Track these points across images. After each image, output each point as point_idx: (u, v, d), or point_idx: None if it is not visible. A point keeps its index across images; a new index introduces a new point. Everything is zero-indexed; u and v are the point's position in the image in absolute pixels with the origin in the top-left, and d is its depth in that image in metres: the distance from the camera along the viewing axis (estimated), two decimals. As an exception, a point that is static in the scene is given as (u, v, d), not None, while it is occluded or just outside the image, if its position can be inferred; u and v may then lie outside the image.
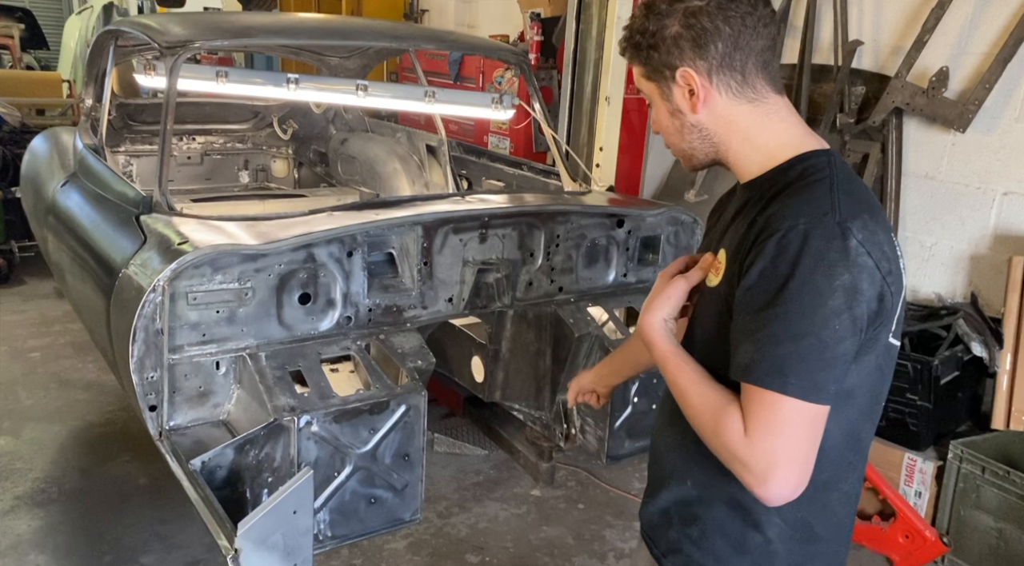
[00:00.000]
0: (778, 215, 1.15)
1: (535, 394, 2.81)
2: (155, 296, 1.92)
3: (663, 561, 1.40)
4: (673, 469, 1.39)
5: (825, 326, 1.10)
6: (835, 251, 1.10)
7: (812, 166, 1.22)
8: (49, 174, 3.42)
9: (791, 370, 1.10)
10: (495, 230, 2.45)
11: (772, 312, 1.11)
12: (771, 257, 1.12)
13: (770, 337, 1.11)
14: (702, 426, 1.20)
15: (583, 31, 4.16)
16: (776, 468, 1.10)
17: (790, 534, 1.28)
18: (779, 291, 1.11)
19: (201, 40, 2.51)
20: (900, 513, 3.24)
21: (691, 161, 1.35)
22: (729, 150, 1.29)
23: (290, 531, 1.65)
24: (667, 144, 1.36)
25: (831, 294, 1.10)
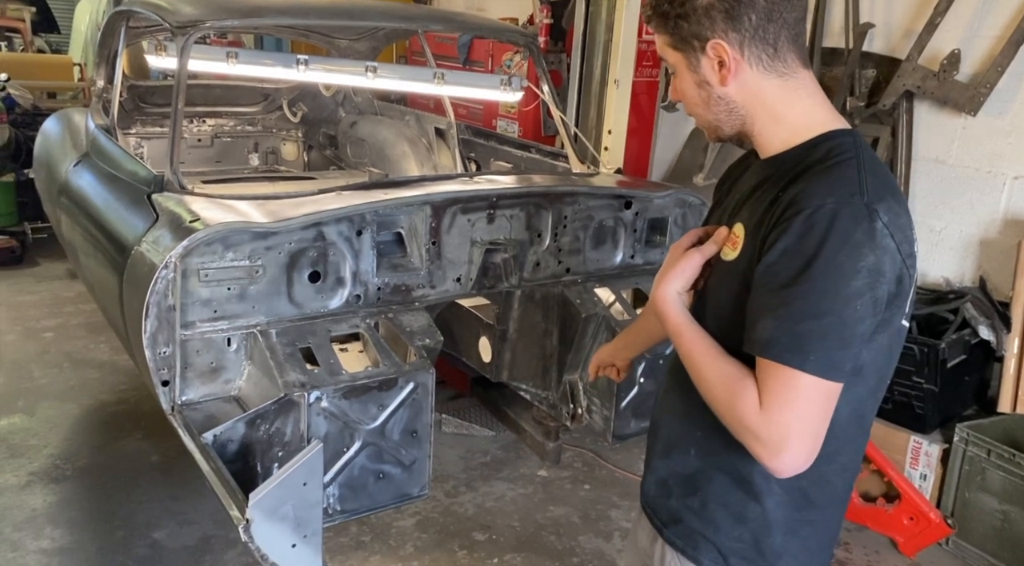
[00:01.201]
0: (805, 193, 1.15)
1: (542, 374, 2.83)
2: (167, 272, 1.95)
3: (664, 531, 1.42)
4: (675, 440, 1.40)
5: (847, 306, 1.11)
6: (862, 232, 1.11)
7: (839, 146, 1.22)
8: (61, 155, 3.45)
9: (811, 348, 1.11)
10: (503, 210, 2.47)
11: (795, 290, 1.12)
12: (797, 235, 1.13)
13: (792, 314, 1.12)
14: (715, 399, 1.21)
15: (593, 13, 4.15)
16: (789, 442, 1.12)
17: (788, 502, 1.30)
18: (804, 269, 1.11)
19: (212, 19, 2.52)
20: (905, 495, 3.25)
21: (716, 133, 1.33)
22: (755, 124, 1.28)
23: (300, 503, 1.69)
24: (690, 113, 1.35)
25: (855, 275, 1.11)
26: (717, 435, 1.26)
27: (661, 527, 1.43)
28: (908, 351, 3.25)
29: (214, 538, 3.10)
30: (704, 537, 1.36)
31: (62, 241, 3.45)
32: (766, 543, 1.33)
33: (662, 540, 1.42)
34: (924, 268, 3.88)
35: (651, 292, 1.34)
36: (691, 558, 1.37)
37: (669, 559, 1.41)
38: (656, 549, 1.44)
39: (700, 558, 1.36)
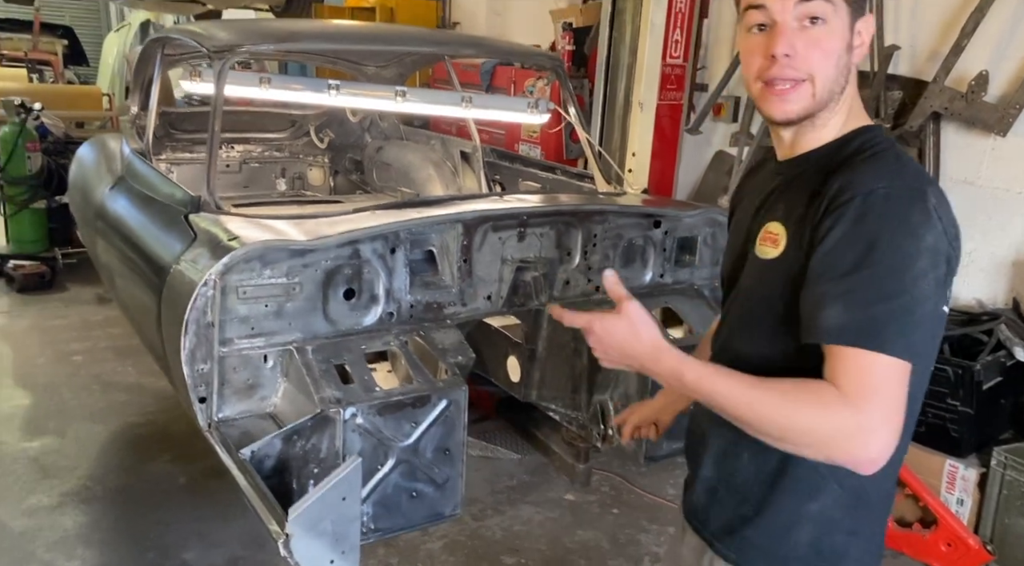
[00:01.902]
0: (853, 181, 1.16)
1: (571, 394, 2.82)
2: (207, 290, 1.98)
3: (715, 544, 1.39)
4: (727, 446, 1.37)
5: (915, 286, 1.12)
6: (917, 213, 1.13)
7: (872, 138, 1.25)
8: (97, 179, 3.52)
9: (887, 330, 1.11)
10: (533, 229, 2.48)
11: (861, 274, 1.12)
12: (852, 221, 1.13)
13: (862, 299, 1.12)
14: (773, 421, 1.16)
15: (616, 38, 4.20)
16: (882, 429, 1.11)
17: (845, 501, 1.28)
18: (867, 253, 1.12)
19: (248, 44, 2.58)
20: (942, 520, 3.19)
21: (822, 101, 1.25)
22: (836, 111, 1.27)
23: (339, 518, 1.69)
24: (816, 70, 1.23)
25: (918, 255, 1.12)
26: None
27: (711, 540, 1.40)
28: (942, 373, 3.20)
29: (242, 559, 3.10)
30: (759, 547, 1.33)
31: (97, 264, 3.51)
32: (826, 545, 1.30)
33: (712, 553, 1.40)
34: (956, 290, 3.81)
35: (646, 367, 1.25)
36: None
37: None
38: (705, 563, 1.42)
39: (738, 562, 1.35)
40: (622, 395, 2.68)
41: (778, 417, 1.15)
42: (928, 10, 3.85)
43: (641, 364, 1.26)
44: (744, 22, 1.28)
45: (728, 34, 4.88)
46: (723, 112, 4.84)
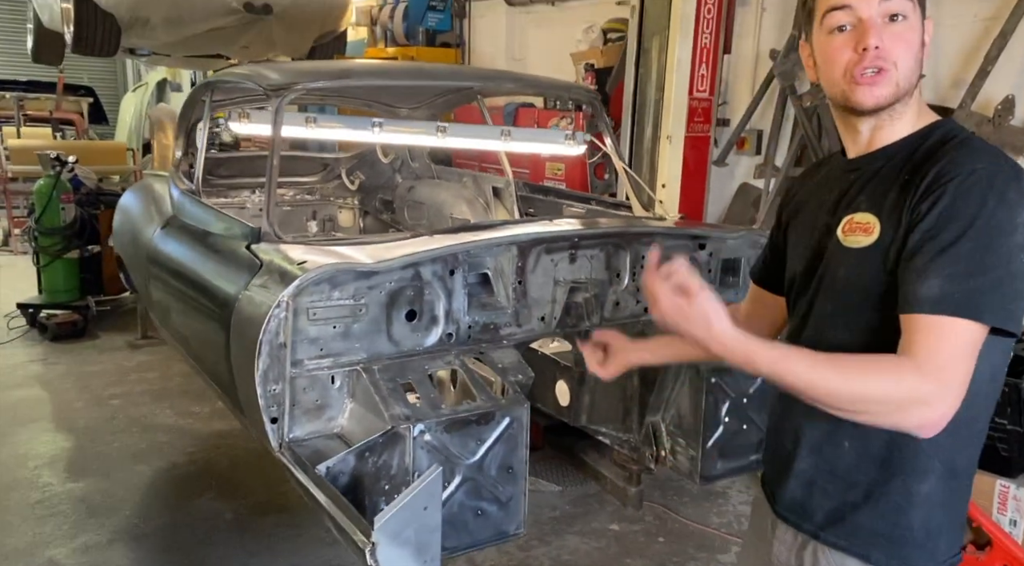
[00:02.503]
0: (951, 164, 1.24)
1: (623, 416, 2.85)
2: (279, 311, 2.03)
3: (821, 534, 1.41)
4: (824, 436, 1.40)
5: (1012, 259, 1.18)
6: (1013, 191, 1.20)
7: (953, 129, 1.33)
8: (145, 222, 3.62)
9: (985, 301, 1.17)
10: (584, 251, 2.54)
11: (961, 247, 1.18)
12: (952, 198, 1.20)
13: (962, 272, 1.18)
14: (848, 393, 1.21)
15: (643, 75, 4.32)
16: (954, 393, 1.18)
17: (944, 475, 1.32)
18: (967, 228, 1.18)
19: (304, 81, 2.69)
20: (996, 541, 3.16)
21: (904, 87, 1.32)
22: (908, 106, 1.34)
23: (421, 527, 1.71)
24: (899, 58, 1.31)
25: (1014, 230, 1.19)
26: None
27: (816, 531, 1.42)
28: (987, 390, 3.20)
29: (295, 592, 3.10)
30: (872, 531, 1.35)
31: (148, 304, 3.58)
32: (933, 523, 1.34)
33: (816, 543, 1.42)
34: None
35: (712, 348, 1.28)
36: (857, 555, 1.37)
37: (825, 562, 1.40)
38: (807, 557, 1.43)
39: (869, 553, 1.36)
40: (674, 416, 2.71)
41: (853, 387, 1.21)
42: (949, 39, 3.96)
43: (706, 348, 1.29)
44: (825, 25, 1.35)
45: (748, 70, 5.01)
46: (747, 145, 4.94)
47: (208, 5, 6.46)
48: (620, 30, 5.54)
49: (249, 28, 6.82)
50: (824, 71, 1.39)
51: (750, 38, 4.94)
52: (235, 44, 7.21)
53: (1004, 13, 3.70)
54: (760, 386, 2.67)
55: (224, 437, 4.45)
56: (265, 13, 6.55)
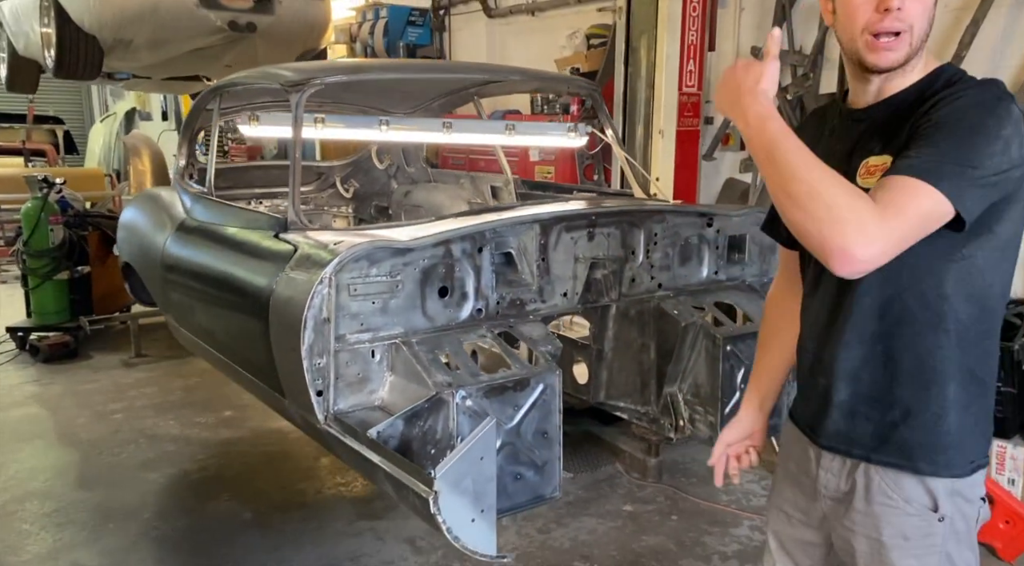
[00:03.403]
0: (952, 90, 1.39)
1: (640, 390, 2.95)
2: (323, 287, 2.11)
3: (872, 456, 1.52)
4: (860, 365, 1.51)
5: (985, 162, 1.31)
6: (1003, 109, 1.34)
7: (955, 72, 1.47)
8: (155, 231, 3.66)
9: (948, 172, 1.30)
10: (601, 229, 2.66)
11: (945, 137, 1.32)
12: (949, 104, 1.35)
13: (939, 153, 1.31)
14: (809, 185, 1.29)
15: (632, 73, 4.47)
16: (883, 242, 1.27)
17: (963, 379, 1.45)
18: (955, 125, 1.33)
19: (322, 77, 2.78)
20: (998, 499, 3.29)
21: (917, 48, 1.45)
22: (918, 55, 1.46)
23: (478, 477, 1.79)
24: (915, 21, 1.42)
25: (996, 139, 1.32)
26: (898, 343, 1.44)
27: (866, 455, 1.53)
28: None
29: (325, 581, 3.14)
30: (918, 443, 1.47)
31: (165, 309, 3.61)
32: (964, 424, 1.46)
33: (866, 465, 1.53)
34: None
35: (734, 103, 1.40)
36: (908, 469, 1.48)
37: (878, 481, 1.51)
38: (859, 480, 1.54)
39: (917, 465, 1.48)
40: (691, 385, 2.82)
41: (818, 185, 1.29)
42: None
43: (741, 100, 1.39)
44: None
45: (729, 69, 5.18)
46: (731, 141, 5.10)
47: (193, 25, 6.51)
48: (602, 35, 5.71)
49: (233, 47, 6.87)
50: (842, 24, 1.50)
51: (730, 38, 5.12)
52: (218, 63, 7.25)
53: (974, 3, 3.91)
54: (772, 353, 2.79)
55: (233, 444, 4.48)
56: (249, 31, 6.63)
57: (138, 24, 6.47)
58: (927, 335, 1.45)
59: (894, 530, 1.51)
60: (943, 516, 1.48)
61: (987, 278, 1.43)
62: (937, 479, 1.48)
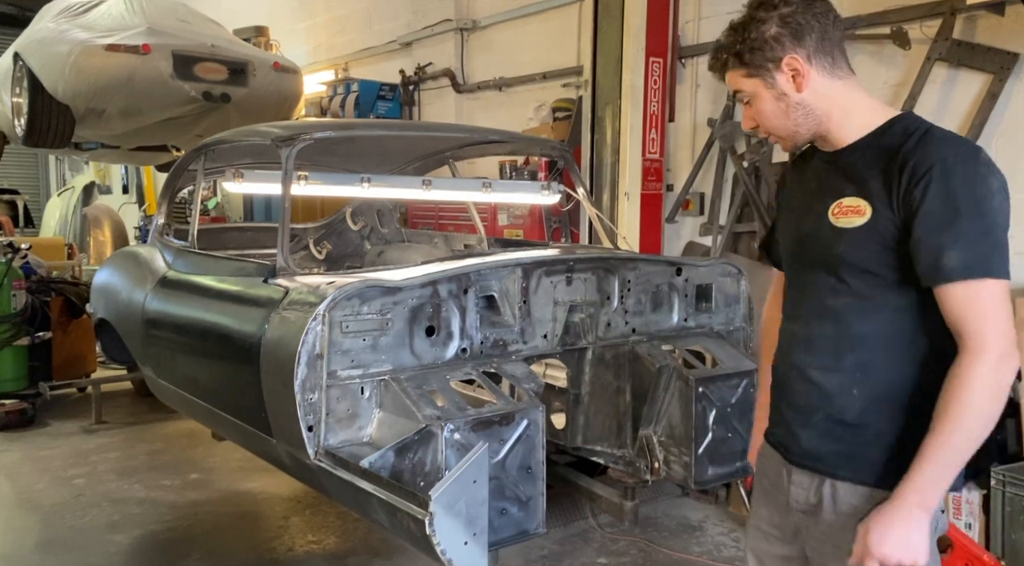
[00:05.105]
0: (926, 156, 1.51)
1: (616, 433, 3.03)
2: (316, 324, 2.19)
3: (840, 473, 1.63)
4: (835, 390, 1.64)
5: (996, 220, 1.48)
6: (983, 166, 1.50)
7: (911, 122, 1.60)
8: (134, 287, 3.69)
9: (993, 258, 1.47)
10: (579, 274, 2.79)
11: (964, 221, 1.46)
12: (938, 184, 1.48)
13: (973, 240, 1.46)
14: (974, 432, 1.46)
15: (598, 140, 4.72)
16: (1009, 337, 1.45)
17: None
18: (959, 205, 1.47)
19: (313, 132, 2.92)
20: (957, 543, 3.40)
21: (795, 139, 1.68)
22: (831, 120, 1.63)
23: (471, 500, 1.85)
24: (771, 129, 1.68)
25: (992, 195, 1.49)
26: (872, 370, 1.57)
27: (832, 471, 1.64)
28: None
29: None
30: (883, 462, 1.57)
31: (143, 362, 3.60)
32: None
33: (832, 480, 1.64)
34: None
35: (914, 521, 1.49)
36: (871, 484, 1.59)
37: (843, 494, 1.62)
38: (826, 493, 1.65)
39: (882, 480, 1.57)
40: (666, 426, 2.91)
41: (979, 430, 1.46)
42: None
43: (911, 534, 1.50)
44: None
45: (687, 139, 5.48)
46: (691, 206, 5.35)
47: (167, 95, 6.64)
48: (567, 108, 6.01)
49: (206, 117, 7.02)
50: None
51: (687, 111, 5.43)
52: (190, 133, 7.37)
53: (910, 78, 4.26)
54: (741, 395, 2.92)
55: (201, 505, 4.40)
56: (223, 102, 6.79)
57: (112, 94, 6.56)
58: (900, 365, 1.59)
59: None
60: None
61: None
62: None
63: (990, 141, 3.97)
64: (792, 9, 1.59)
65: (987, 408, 1.46)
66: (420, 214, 6.36)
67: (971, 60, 4.06)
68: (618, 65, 4.68)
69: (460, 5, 7.32)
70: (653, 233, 4.85)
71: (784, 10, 1.60)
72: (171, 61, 6.45)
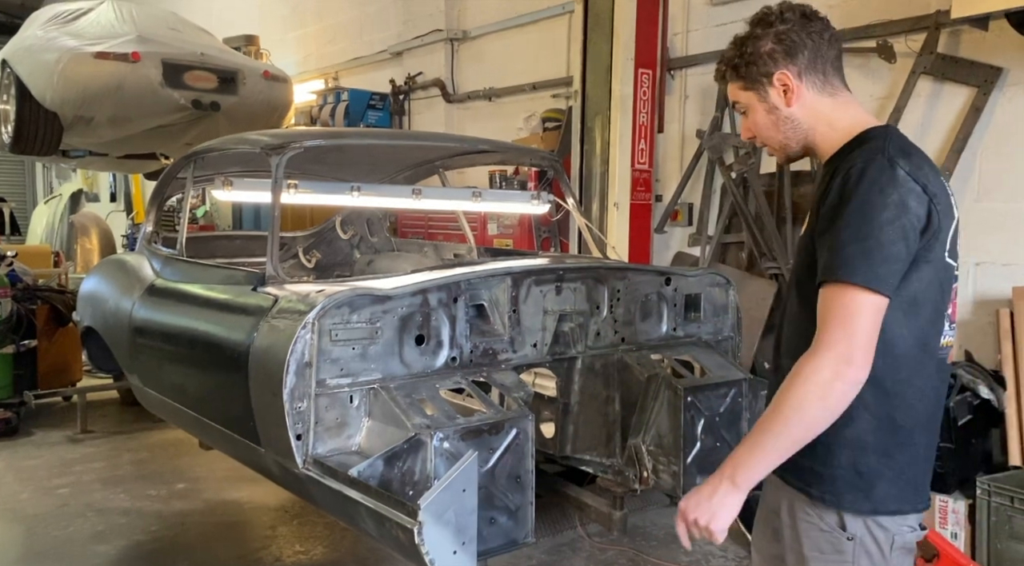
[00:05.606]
0: (844, 163, 1.56)
1: (606, 442, 3.03)
2: (306, 332, 2.19)
3: (783, 476, 1.66)
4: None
5: (881, 231, 1.47)
6: (886, 177, 1.50)
7: (872, 132, 1.64)
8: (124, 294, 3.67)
9: (855, 264, 1.47)
10: (568, 283, 2.80)
11: (840, 224, 1.49)
12: (838, 188, 1.52)
13: (841, 243, 1.48)
14: (799, 429, 1.50)
15: (588, 151, 4.73)
16: (854, 356, 1.45)
17: (876, 425, 1.56)
18: (844, 209, 1.49)
19: (304, 141, 2.92)
20: (943, 552, 3.41)
21: (786, 151, 1.73)
22: (816, 134, 1.68)
23: (460, 509, 1.84)
24: (763, 140, 1.74)
25: (884, 208, 1.48)
26: None
27: (781, 473, 1.65)
28: (921, 412, 3.55)
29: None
30: (811, 471, 1.60)
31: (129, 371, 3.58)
32: (863, 465, 1.58)
33: (779, 481, 1.68)
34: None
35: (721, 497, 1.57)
36: (802, 491, 1.62)
37: (784, 497, 1.66)
38: (782, 494, 1.69)
39: (810, 489, 1.61)
40: (654, 436, 2.91)
41: (796, 425, 1.50)
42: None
43: (712, 500, 1.58)
44: None
45: (676, 151, 5.51)
46: (679, 217, 5.38)
47: (156, 103, 6.62)
48: (557, 118, 6.03)
49: (195, 125, 7.00)
50: None
51: (676, 122, 5.47)
52: (179, 141, 7.35)
53: (896, 91, 4.30)
54: (729, 405, 2.93)
55: (188, 515, 4.36)
56: (213, 110, 6.78)
57: (101, 101, 6.54)
58: None
59: (811, 543, 1.64)
60: (852, 536, 1.60)
61: (891, 332, 1.54)
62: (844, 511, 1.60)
63: (974, 154, 4.01)
64: (788, 27, 1.64)
65: (809, 402, 1.47)
66: (410, 223, 6.37)
67: (955, 74, 4.11)
68: (607, 76, 4.71)
69: (450, 16, 7.35)
70: (642, 243, 4.87)
71: (780, 27, 1.65)
72: (161, 69, 6.44)
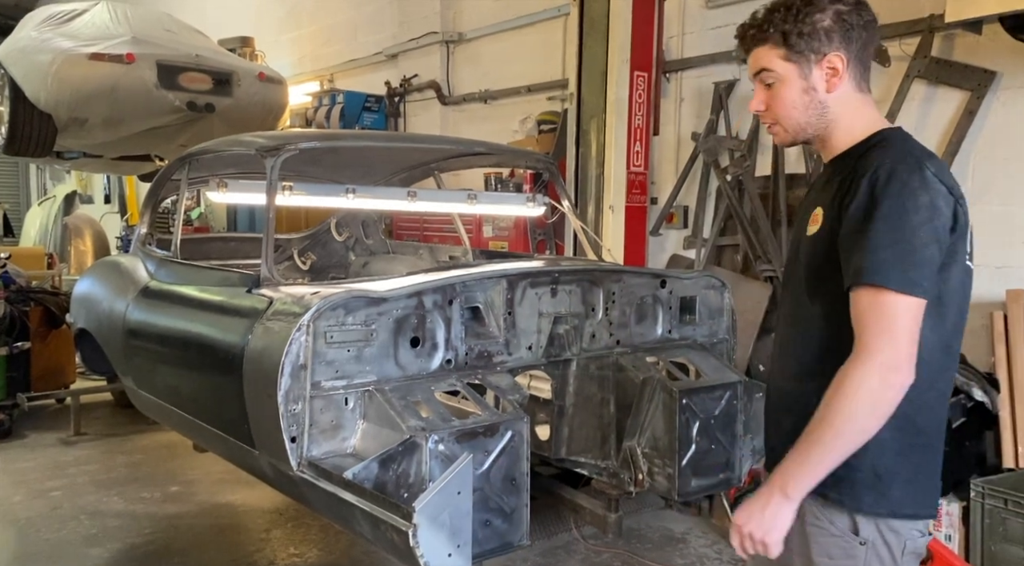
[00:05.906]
0: (865, 164, 1.54)
1: (601, 444, 3.03)
2: (300, 334, 2.18)
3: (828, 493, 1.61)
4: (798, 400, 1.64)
5: (915, 234, 1.46)
6: (916, 180, 1.49)
7: (887, 135, 1.63)
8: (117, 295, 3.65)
9: (890, 268, 1.45)
10: (564, 285, 2.80)
11: (872, 227, 1.47)
12: (866, 190, 1.50)
13: (873, 246, 1.46)
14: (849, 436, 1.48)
15: (583, 153, 4.74)
16: (900, 362, 1.44)
17: (898, 425, 1.54)
18: (876, 211, 1.47)
19: (298, 142, 2.91)
20: (937, 554, 3.42)
21: (797, 134, 1.67)
22: (838, 128, 1.63)
23: (455, 511, 1.84)
24: (780, 117, 1.65)
25: (916, 211, 1.47)
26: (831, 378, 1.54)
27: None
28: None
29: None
30: (831, 473, 1.55)
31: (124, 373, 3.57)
32: (881, 465, 1.57)
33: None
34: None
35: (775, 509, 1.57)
36: (819, 494, 1.58)
37: (807, 504, 1.60)
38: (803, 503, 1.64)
39: (827, 491, 1.58)
40: (650, 438, 2.91)
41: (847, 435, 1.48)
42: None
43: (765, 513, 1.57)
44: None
45: (671, 153, 5.51)
46: (675, 219, 5.39)
47: (150, 104, 6.60)
48: (552, 121, 6.03)
49: (190, 127, 6.98)
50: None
51: (671, 125, 5.48)
52: (173, 142, 7.33)
53: (890, 95, 4.32)
54: (724, 407, 2.93)
55: (181, 518, 4.35)
56: (208, 112, 6.76)
57: (95, 103, 6.51)
58: None
59: (820, 549, 1.62)
60: (864, 540, 1.58)
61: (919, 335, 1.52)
62: (859, 514, 1.58)
63: (967, 157, 4.03)
64: (848, 10, 1.59)
65: (859, 412, 1.46)
66: (405, 225, 6.36)
67: (949, 77, 4.13)
68: (603, 79, 4.72)
69: (446, 18, 7.35)
70: (637, 246, 4.87)
71: (841, 7, 1.59)
72: (155, 70, 6.42)
